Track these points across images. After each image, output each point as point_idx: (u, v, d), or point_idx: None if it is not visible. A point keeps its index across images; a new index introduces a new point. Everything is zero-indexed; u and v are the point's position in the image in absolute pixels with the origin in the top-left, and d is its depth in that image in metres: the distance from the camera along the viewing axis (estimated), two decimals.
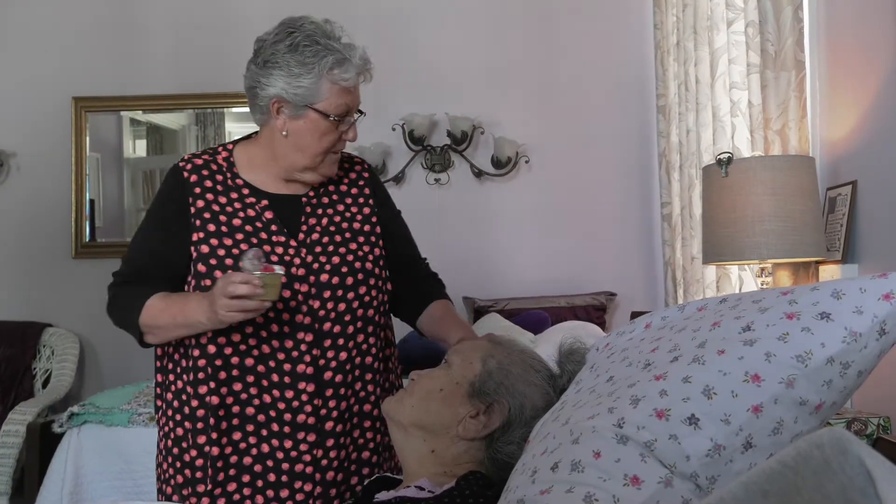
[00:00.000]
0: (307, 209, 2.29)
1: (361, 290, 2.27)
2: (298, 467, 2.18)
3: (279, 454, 2.17)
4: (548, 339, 4.15)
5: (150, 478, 3.56)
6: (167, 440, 2.27)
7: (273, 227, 2.22)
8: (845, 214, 3.08)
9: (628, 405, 1.45)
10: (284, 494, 2.17)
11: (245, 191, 2.25)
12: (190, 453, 2.21)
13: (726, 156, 2.97)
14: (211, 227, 2.19)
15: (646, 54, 5.44)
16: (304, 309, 2.19)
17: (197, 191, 2.23)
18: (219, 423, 2.16)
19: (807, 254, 2.91)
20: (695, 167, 4.27)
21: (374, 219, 2.37)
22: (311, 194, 2.31)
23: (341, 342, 2.22)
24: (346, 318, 2.24)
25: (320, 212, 2.30)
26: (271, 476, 2.17)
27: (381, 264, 2.35)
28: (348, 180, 2.39)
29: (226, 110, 6.00)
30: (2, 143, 5.88)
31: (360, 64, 2.19)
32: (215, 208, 2.21)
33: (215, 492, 2.18)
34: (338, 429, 2.22)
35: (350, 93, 2.20)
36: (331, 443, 2.21)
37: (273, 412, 2.17)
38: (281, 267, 2.03)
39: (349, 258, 2.26)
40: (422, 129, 5.54)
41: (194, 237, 2.19)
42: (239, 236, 2.19)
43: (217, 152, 2.33)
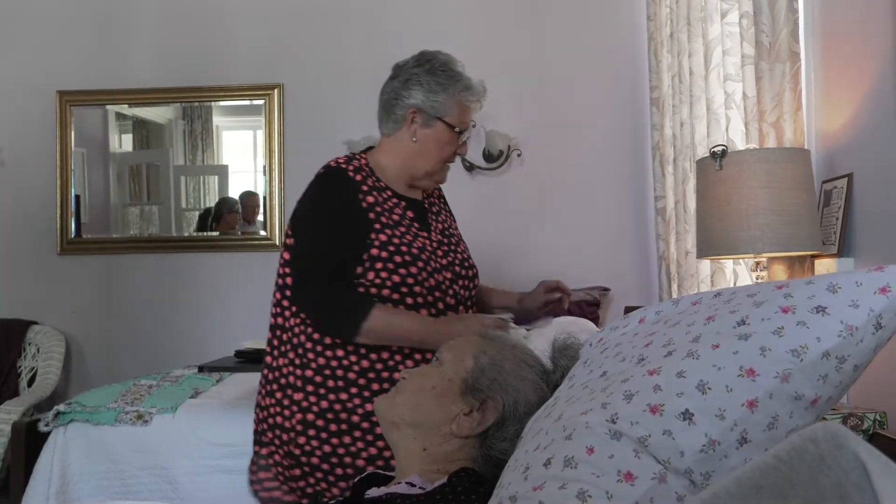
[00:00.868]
0: (431, 211, 2.78)
1: (476, 282, 2.83)
2: None
3: None
4: (541, 335, 4.15)
5: (137, 477, 3.58)
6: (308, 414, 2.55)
7: (416, 225, 2.66)
8: (841, 207, 3.09)
9: (622, 400, 1.45)
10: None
11: (387, 192, 2.65)
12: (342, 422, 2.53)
13: (721, 148, 2.97)
14: (384, 220, 2.57)
15: (639, 46, 5.44)
16: (451, 292, 2.65)
17: (364, 188, 2.59)
18: (362, 390, 2.54)
19: (802, 247, 2.92)
20: (689, 160, 4.27)
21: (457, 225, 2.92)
22: (424, 200, 2.79)
23: None
24: (470, 305, 2.76)
25: (436, 216, 2.79)
26: None
27: None
28: (437, 193, 2.91)
29: (213, 104, 5.98)
30: None
31: (481, 91, 2.73)
32: (378, 209, 2.58)
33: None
34: None
35: (470, 112, 2.72)
36: None
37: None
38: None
39: (466, 255, 2.79)
40: None
41: (368, 228, 2.54)
42: (401, 230, 2.58)
43: (355, 157, 2.72)
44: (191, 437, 3.60)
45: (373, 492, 1.79)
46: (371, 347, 2.54)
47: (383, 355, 2.55)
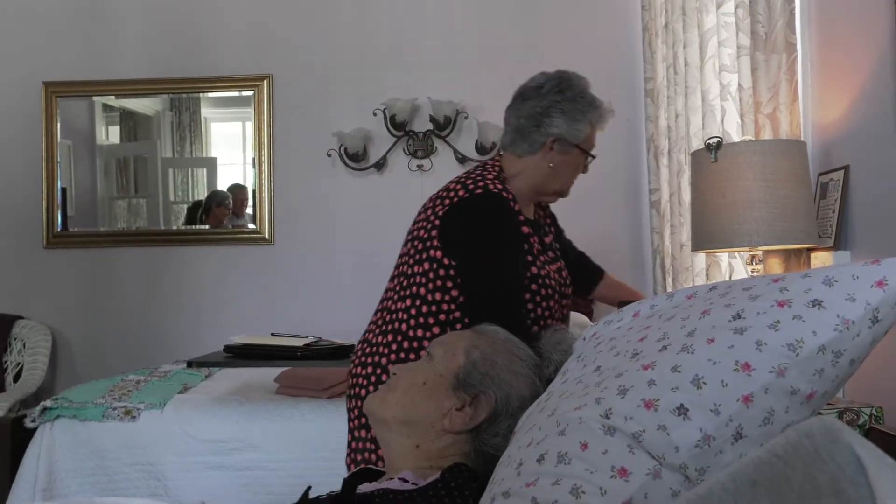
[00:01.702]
0: (544, 229, 2.86)
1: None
2: None
3: None
4: None
5: (124, 473, 3.58)
6: None
7: (550, 253, 2.79)
8: (837, 200, 3.10)
9: (616, 395, 1.45)
10: None
11: (522, 217, 2.66)
12: None
13: (716, 140, 2.98)
14: (536, 249, 2.66)
15: (633, 36, 5.45)
16: (557, 315, 2.73)
17: (521, 218, 2.64)
18: None
19: (798, 240, 2.92)
20: (684, 152, 4.28)
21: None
22: (540, 220, 2.88)
23: None
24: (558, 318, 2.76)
25: (547, 236, 2.86)
26: None
27: None
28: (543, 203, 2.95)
29: (202, 95, 5.97)
30: None
31: (610, 116, 2.76)
32: (528, 235, 2.66)
33: None
34: None
35: (596, 136, 2.75)
36: None
37: None
38: None
39: (566, 272, 2.85)
40: (403, 114, 5.53)
41: (528, 259, 2.62)
42: (543, 258, 2.68)
43: (498, 178, 2.68)
44: (179, 434, 3.59)
45: (364, 487, 1.79)
46: None
47: None
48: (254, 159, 5.83)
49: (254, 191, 5.86)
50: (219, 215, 5.99)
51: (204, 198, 6.05)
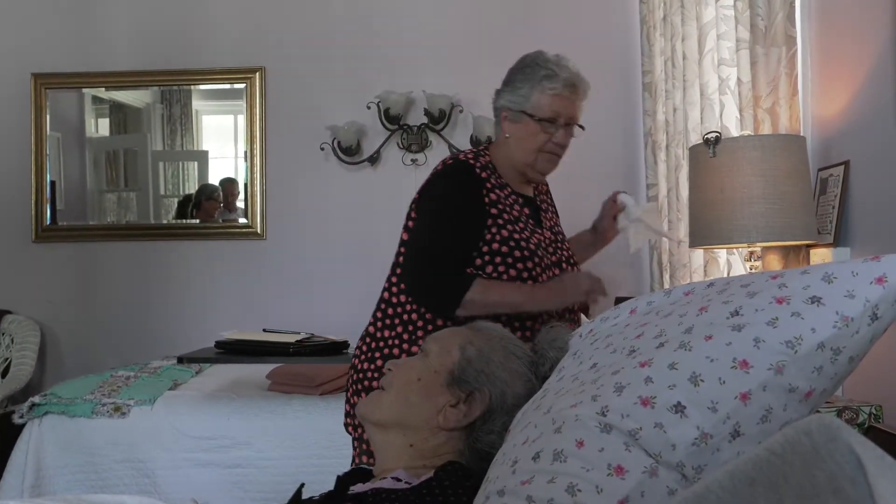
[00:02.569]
0: (542, 207, 2.92)
1: None
2: None
3: None
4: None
5: (114, 470, 3.58)
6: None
7: (531, 222, 2.79)
8: (837, 196, 3.10)
9: (612, 393, 1.46)
10: None
11: (507, 189, 2.78)
12: None
13: (714, 135, 2.98)
14: (505, 216, 2.69)
15: (631, 29, 5.44)
16: None
17: (488, 185, 2.72)
18: None
19: (797, 237, 2.92)
20: (682, 147, 4.28)
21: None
22: (536, 196, 2.92)
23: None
24: None
25: (545, 213, 2.93)
26: None
27: None
28: (545, 189, 3.06)
29: (193, 87, 5.97)
30: None
31: (566, 77, 2.74)
32: (500, 206, 2.71)
33: None
34: None
35: (560, 101, 2.73)
36: None
37: None
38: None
39: (570, 252, 2.92)
40: (397, 108, 5.52)
41: (490, 223, 2.67)
42: (520, 225, 2.71)
43: (482, 154, 2.83)
44: (169, 430, 3.60)
45: (357, 487, 1.79)
46: None
47: None
48: (246, 153, 5.82)
49: (245, 185, 5.85)
50: (210, 209, 5.98)
51: (195, 191, 6.05)
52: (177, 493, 3.48)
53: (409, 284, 2.73)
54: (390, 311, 2.76)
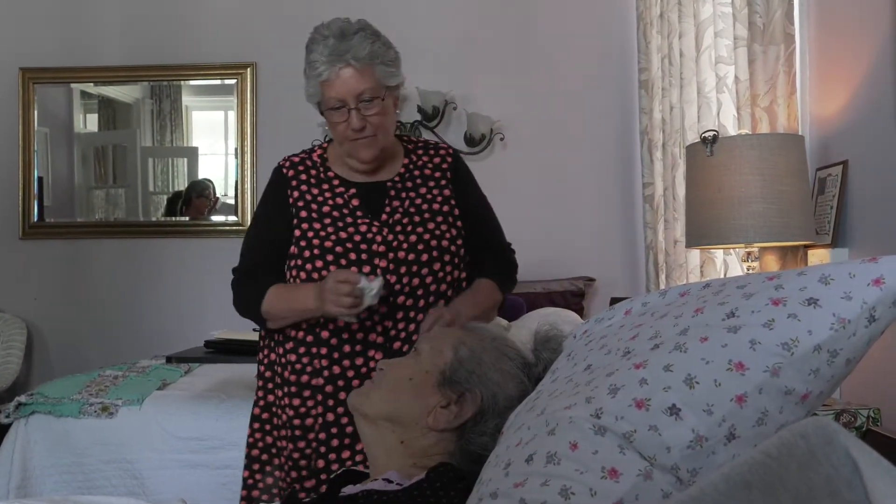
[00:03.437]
0: (391, 192, 2.65)
1: (436, 266, 2.59)
2: None
3: (344, 419, 2.50)
4: (523, 326, 4.16)
5: (101, 471, 3.57)
6: (255, 408, 2.72)
7: (358, 213, 2.59)
8: (835, 196, 3.10)
9: (606, 395, 1.46)
10: (345, 455, 2.51)
11: (335, 182, 2.65)
12: (280, 417, 2.63)
13: (711, 134, 2.98)
14: (303, 214, 2.59)
15: (628, 26, 5.44)
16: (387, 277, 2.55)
17: (294, 184, 2.65)
18: (300, 391, 2.56)
19: (795, 237, 2.93)
20: (678, 146, 4.28)
21: (453, 201, 2.69)
22: (397, 179, 2.68)
23: (412, 315, 2.55)
24: (419, 293, 2.56)
25: (403, 195, 2.65)
26: (334, 441, 2.52)
27: (459, 243, 2.66)
28: (432, 165, 2.75)
29: (183, 83, 5.96)
30: None
31: (327, 56, 2.47)
32: (308, 198, 2.62)
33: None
34: None
35: (328, 86, 2.50)
36: None
37: (341, 381, 2.52)
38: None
39: (426, 237, 2.58)
40: None
41: (295, 222, 2.59)
42: (327, 221, 2.57)
43: (312, 150, 2.75)
44: (157, 431, 3.59)
45: (348, 489, 1.79)
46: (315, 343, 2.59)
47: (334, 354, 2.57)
48: (236, 149, 5.82)
49: (236, 181, 5.84)
50: (200, 206, 5.97)
51: (184, 188, 6.04)
52: (165, 494, 3.48)
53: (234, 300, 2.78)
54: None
